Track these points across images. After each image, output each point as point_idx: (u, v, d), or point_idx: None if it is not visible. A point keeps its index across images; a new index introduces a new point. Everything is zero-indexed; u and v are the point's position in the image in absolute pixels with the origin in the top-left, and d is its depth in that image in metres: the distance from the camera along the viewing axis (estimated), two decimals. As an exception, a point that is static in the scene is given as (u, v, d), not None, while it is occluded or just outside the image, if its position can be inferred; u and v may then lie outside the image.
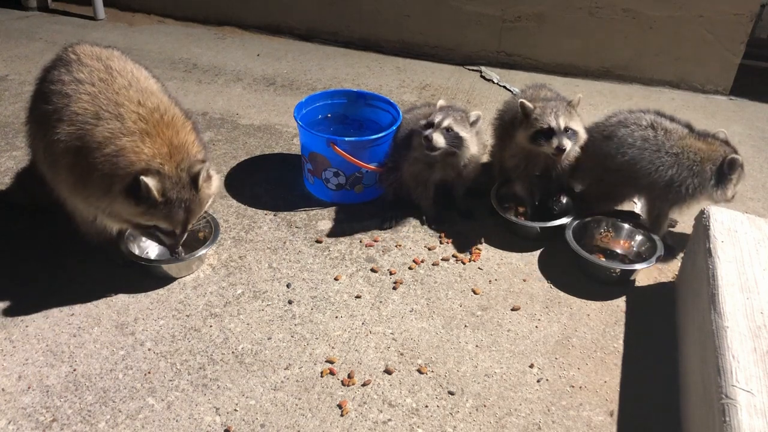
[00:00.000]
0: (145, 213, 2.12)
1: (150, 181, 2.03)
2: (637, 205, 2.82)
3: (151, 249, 2.60)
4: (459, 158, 2.69)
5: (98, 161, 2.07)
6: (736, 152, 2.49)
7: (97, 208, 2.20)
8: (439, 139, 2.59)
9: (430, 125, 2.63)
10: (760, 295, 1.93)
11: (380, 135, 2.83)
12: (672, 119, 2.61)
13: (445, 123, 2.61)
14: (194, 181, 2.14)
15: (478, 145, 2.75)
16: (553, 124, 2.54)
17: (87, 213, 2.31)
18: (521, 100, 2.65)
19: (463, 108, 2.86)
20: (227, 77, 4.27)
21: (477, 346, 2.23)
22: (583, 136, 2.65)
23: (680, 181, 2.48)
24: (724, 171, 2.46)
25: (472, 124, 2.69)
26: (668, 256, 2.67)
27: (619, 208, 2.79)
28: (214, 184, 2.28)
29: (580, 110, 2.95)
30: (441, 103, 2.78)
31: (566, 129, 2.56)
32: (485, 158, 3.34)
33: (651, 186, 2.54)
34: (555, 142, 2.53)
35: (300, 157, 3.06)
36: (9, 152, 3.24)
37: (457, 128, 2.63)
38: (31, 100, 2.42)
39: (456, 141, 2.63)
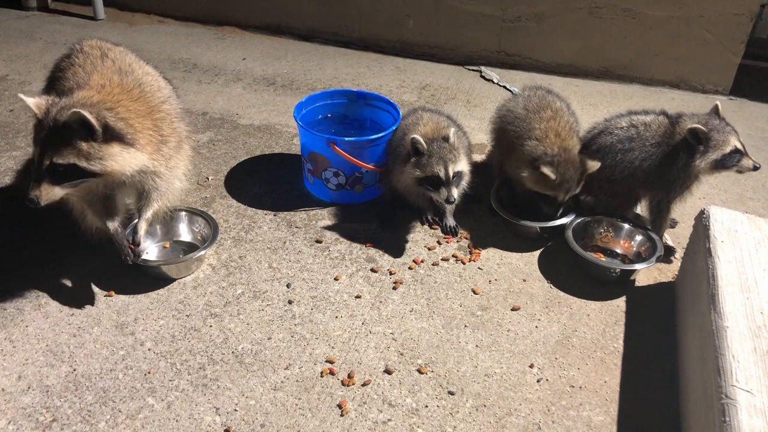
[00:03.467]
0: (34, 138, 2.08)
1: (27, 97, 2.02)
2: (638, 205, 2.81)
3: (150, 249, 2.60)
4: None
5: None
6: (709, 121, 2.48)
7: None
8: (455, 193, 2.54)
9: (437, 182, 2.52)
10: (760, 295, 1.93)
11: (380, 135, 2.83)
12: (646, 112, 2.64)
13: (452, 173, 2.53)
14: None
15: (465, 157, 2.69)
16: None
17: (77, 206, 2.31)
18: (543, 170, 2.55)
19: (439, 118, 2.77)
20: (227, 77, 4.27)
21: (477, 346, 2.23)
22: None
23: (666, 170, 2.51)
24: (691, 143, 2.47)
25: (456, 146, 2.58)
26: (668, 256, 2.67)
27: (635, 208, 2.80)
28: (113, 148, 2.02)
29: (580, 110, 2.95)
30: (419, 140, 2.53)
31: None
32: (483, 157, 3.35)
33: (649, 181, 2.57)
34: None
35: (300, 157, 3.06)
36: (9, 152, 3.24)
37: (457, 167, 2.56)
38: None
39: (459, 178, 2.60)
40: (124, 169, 2.07)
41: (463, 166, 2.62)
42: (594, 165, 2.59)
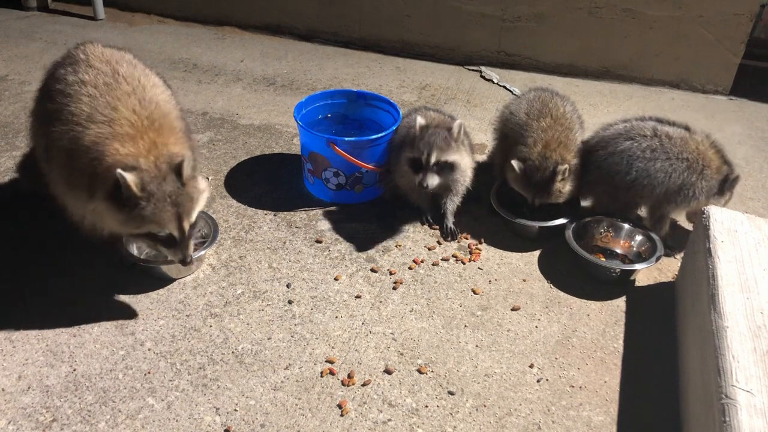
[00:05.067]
0: (130, 218, 2.00)
1: (127, 175, 1.91)
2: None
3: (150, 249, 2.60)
4: (454, 176, 2.70)
5: (84, 165, 2.03)
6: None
7: (86, 210, 2.17)
8: (433, 181, 2.57)
9: (419, 165, 2.58)
10: (760, 295, 1.93)
11: (380, 135, 2.83)
12: (671, 123, 2.62)
13: (434, 159, 2.56)
14: (177, 172, 2.02)
15: (468, 154, 2.72)
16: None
17: (78, 214, 2.29)
18: (512, 162, 2.63)
19: (444, 117, 2.81)
20: (227, 77, 4.27)
21: (477, 346, 2.23)
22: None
23: (691, 184, 2.52)
24: (724, 186, 2.56)
25: (456, 138, 2.61)
26: (668, 255, 2.68)
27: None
28: (201, 184, 2.17)
29: (580, 110, 2.95)
30: (420, 121, 2.63)
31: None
32: (483, 158, 3.35)
33: (665, 193, 2.55)
34: None
35: (300, 157, 3.06)
36: (9, 152, 3.24)
37: (446, 156, 2.58)
38: (37, 95, 2.40)
39: (448, 169, 2.63)
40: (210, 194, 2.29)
41: (457, 158, 2.63)
42: (561, 168, 2.59)
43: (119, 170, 1.90)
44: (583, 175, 2.70)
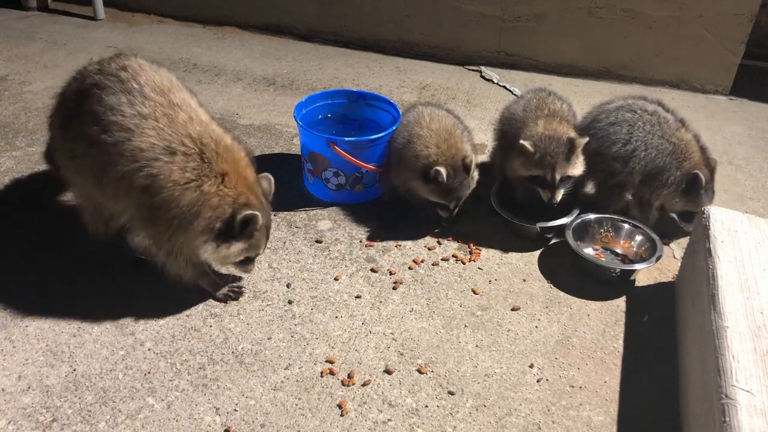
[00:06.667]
0: (238, 250, 2.18)
1: (258, 213, 2.11)
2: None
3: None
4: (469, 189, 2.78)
5: (178, 202, 2.05)
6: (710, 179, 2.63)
7: (169, 241, 2.14)
8: (455, 211, 2.77)
9: (446, 208, 2.73)
10: (760, 295, 1.93)
11: (380, 135, 2.83)
12: (669, 110, 2.70)
13: (461, 202, 2.74)
14: (266, 196, 2.28)
15: (474, 161, 2.74)
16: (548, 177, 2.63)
17: (156, 246, 2.26)
18: (521, 142, 2.61)
19: (447, 130, 2.73)
20: (227, 77, 4.26)
21: (477, 346, 2.23)
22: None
23: (668, 170, 2.59)
24: (687, 183, 2.60)
25: (471, 175, 2.69)
26: (666, 238, 2.73)
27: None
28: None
29: (580, 110, 2.96)
30: (443, 176, 2.57)
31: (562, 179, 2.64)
32: (483, 157, 3.35)
33: (647, 172, 2.62)
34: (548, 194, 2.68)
35: (300, 157, 3.06)
36: (9, 152, 3.24)
37: (467, 192, 2.72)
38: (67, 110, 2.25)
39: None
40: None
41: (473, 182, 2.73)
42: (581, 141, 2.61)
43: (248, 212, 2.09)
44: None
